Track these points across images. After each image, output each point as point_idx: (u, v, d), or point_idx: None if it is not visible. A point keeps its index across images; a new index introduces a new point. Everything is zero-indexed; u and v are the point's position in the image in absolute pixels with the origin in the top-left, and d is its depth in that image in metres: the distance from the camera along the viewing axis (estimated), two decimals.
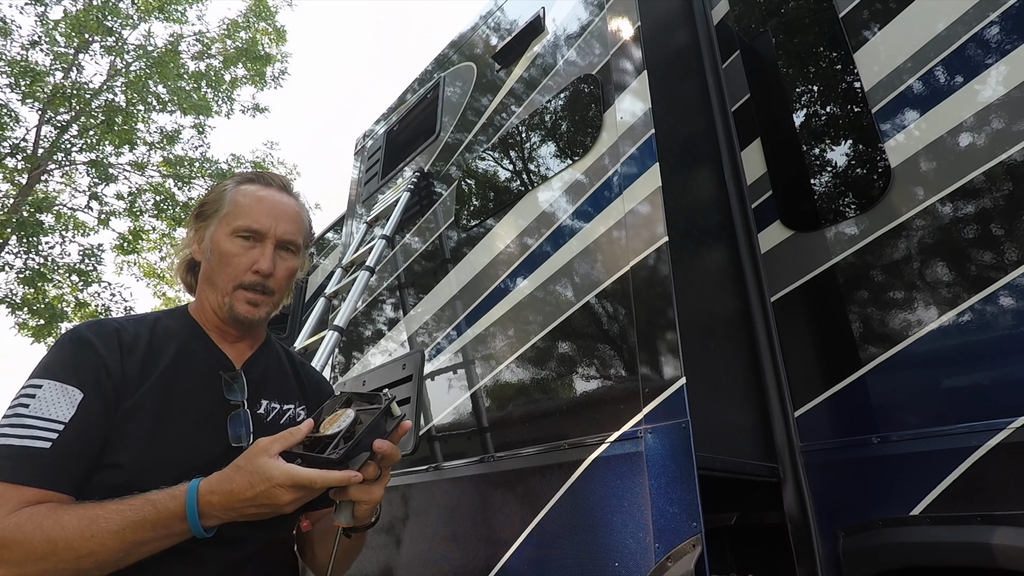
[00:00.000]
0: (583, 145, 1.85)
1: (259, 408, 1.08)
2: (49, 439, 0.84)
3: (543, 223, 1.89)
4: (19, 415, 0.85)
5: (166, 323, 1.09)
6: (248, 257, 1.06)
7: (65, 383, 0.89)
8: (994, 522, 1.11)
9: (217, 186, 1.17)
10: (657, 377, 1.36)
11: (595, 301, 1.62)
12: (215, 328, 1.11)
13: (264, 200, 1.09)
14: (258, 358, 1.15)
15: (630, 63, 1.76)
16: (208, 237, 1.09)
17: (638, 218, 1.54)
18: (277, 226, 1.08)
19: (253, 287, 1.06)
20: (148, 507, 0.81)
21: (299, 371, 1.25)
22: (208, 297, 1.09)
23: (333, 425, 0.88)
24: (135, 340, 1.01)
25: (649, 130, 1.59)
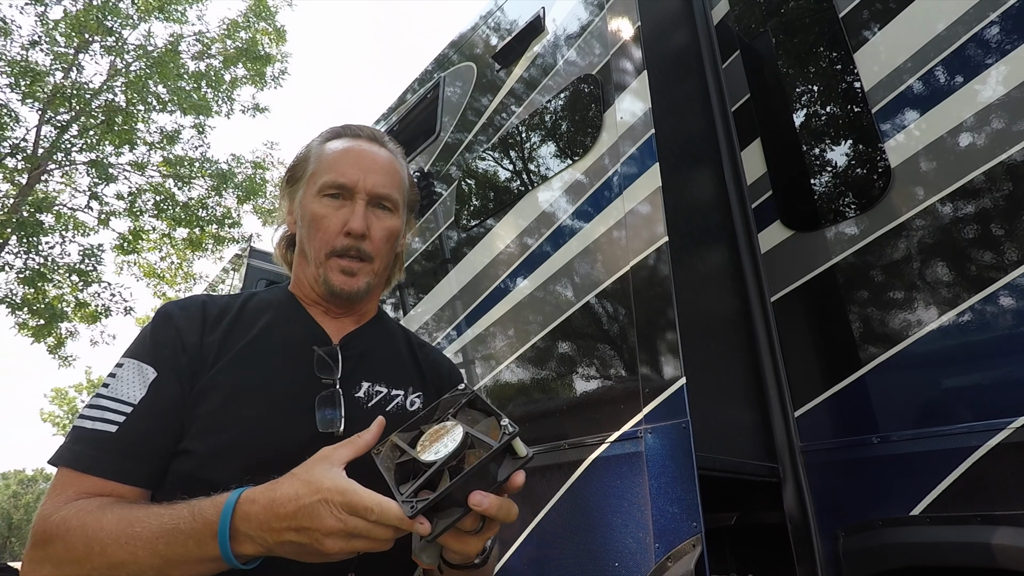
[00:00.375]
0: (583, 145, 1.85)
1: (357, 390, 0.90)
2: (116, 422, 0.76)
3: (543, 223, 1.88)
4: (98, 395, 0.79)
5: (262, 297, 0.97)
6: (338, 217, 0.91)
7: (141, 361, 0.81)
8: (994, 522, 1.11)
9: (305, 146, 1.03)
10: (657, 377, 1.36)
11: (595, 301, 1.62)
12: (315, 304, 0.97)
13: (350, 151, 0.95)
14: (362, 333, 0.98)
15: (630, 63, 1.76)
16: (298, 203, 0.96)
17: (638, 218, 1.54)
18: (366, 178, 0.92)
19: (347, 252, 0.92)
20: (186, 513, 0.67)
21: (416, 353, 1.05)
22: (304, 271, 0.96)
23: (433, 445, 0.64)
24: (221, 313, 0.90)
25: (649, 130, 1.59)
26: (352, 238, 0.91)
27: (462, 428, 0.64)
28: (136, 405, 0.77)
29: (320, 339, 0.93)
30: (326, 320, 0.96)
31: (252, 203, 12.31)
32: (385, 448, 0.72)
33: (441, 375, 1.05)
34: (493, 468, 0.62)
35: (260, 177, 12.32)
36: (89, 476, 0.73)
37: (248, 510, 0.66)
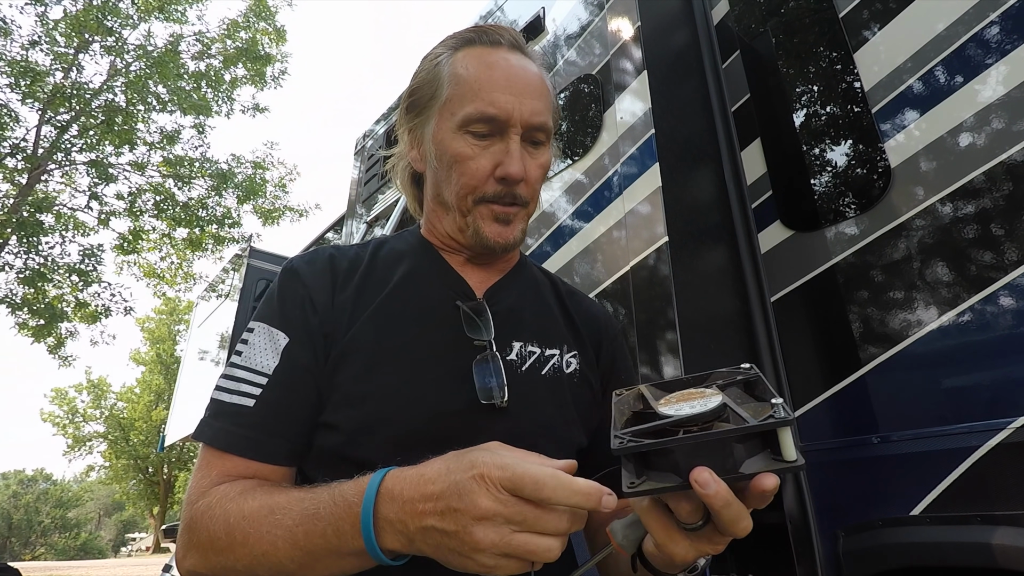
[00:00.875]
0: (583, 145, 1.85)
1: (509, 353, 0.78)
2: (253, 395, 0.69)
3: (543, 223, 1.88)
4: (232, 365, 0.72)
5: (393, 245, 0.85)
6: (487, 158, 0.75)
7: (271, 325, 0.73)
8: (994, 522, 1.11)
9: (427, 60, 0.82)
10: (657, 377, 1.36)
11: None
12: (455, 252, 0.84)
13: (496, 68, 0.76)
14: (507, 285, 0.85)
15: (630, 63, 1.76)
16: (428, 138, 0.79)
17: (638, 218, 1.54)
18: (521, 106, 0.74)
19: (500, 198, 0.77)
20: (326, 497, 0.59)
21: (568, 304, 0.91)
22: (440, 219, 0.83)
23: (678, 403, 0.52)
24: (351, 266, 0.80)
25: (649, 130, 1.59)
26: (507, 183, 0.75)
27: (721, 398, 0.50)
28: (270, 375, 0.70)
29: (464, 292, 0.80)
30: (467, 270, 0.83)
31: (252, 203, 12.31)
32: (629, 394, 0.62)
33: (598, 328, 0.91)
34: (740, 454, 0.47)
35: (260, 177, 12.32)
36: (230, 456, 0.68)
37: (393, 488, 0.55)
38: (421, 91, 0.81)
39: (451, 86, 0.77)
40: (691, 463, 0.46)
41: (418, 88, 0.82)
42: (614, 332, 0.93)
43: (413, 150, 0.84)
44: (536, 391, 0.77)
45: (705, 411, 0.49)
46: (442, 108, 0.78)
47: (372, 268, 0.81)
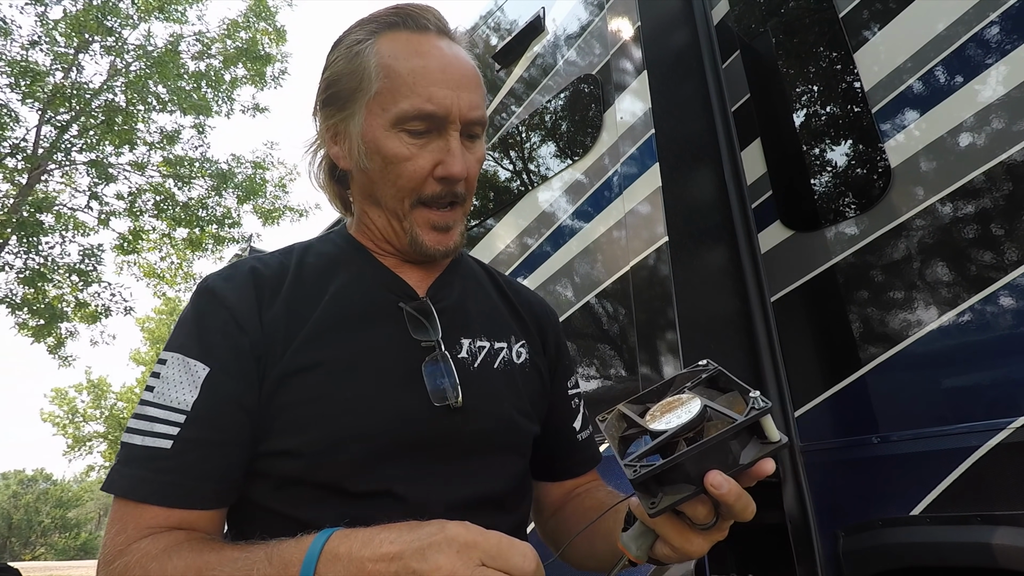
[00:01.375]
0: (583, 145, 1.85)
1: (459, 351, 0.75)
2: (169, 435, 0.62)
3: (543, 223, 1.88)
4: (143, 403, 0.64)
5: (320, 250, 0.79)
6: (426, 157, 0.70)
7: (187, 355, 0.65)
8: (994, 522, 1.11)
9: (343, 46, 0.74)
10: (657, 377, 1.36)
11: (595, 301, 1.62)
12: (390, 254, 0.79)
13: (430, 59, 0.69)
14: (448, 281, 0.81)
15: (630, 63, 1.76)
16: (355, 134, 0.72)
17: (638, 218, 1.54)
18: (459, 100, 0.69)
19: (439, 200, 0.72)
20: (262, 556, 0.55)
21: (509, 294, 0.88)
22: (374, 219, 0.78)
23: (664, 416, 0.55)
24: (277, 279, 0.73)
25: (649, 130, 1.59)
26: (448, 183, 0.71)
27: (699, 401, 0.54)
28: (188, 411, 0.63)
29: (405, 293, 0.76)
30: (405, 269, 0.79)
31: (252, 203, 12.31)
32: (611, 417, 0.65)
33: (542, 317, 0.90)
34: (735, 448, 0.51)
35: (260, 177, 12.32)
36: (149, 506, 0.61)
37: (338, 547, 0.52)
38: (342, 82, 0.73)
39: (381, 79, 0.69)
40: (700, 469, 0.50)
41: (337, 78, 0.74)
42: (556, 321, 0.93)
43: (335, 146, 0.77)
44: (491, 385, 0.75)
45: (693, 417, 0.53)
46: (371, 103, 0.70)
47: (301, 278, 0.74)
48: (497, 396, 0.75)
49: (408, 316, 0.73)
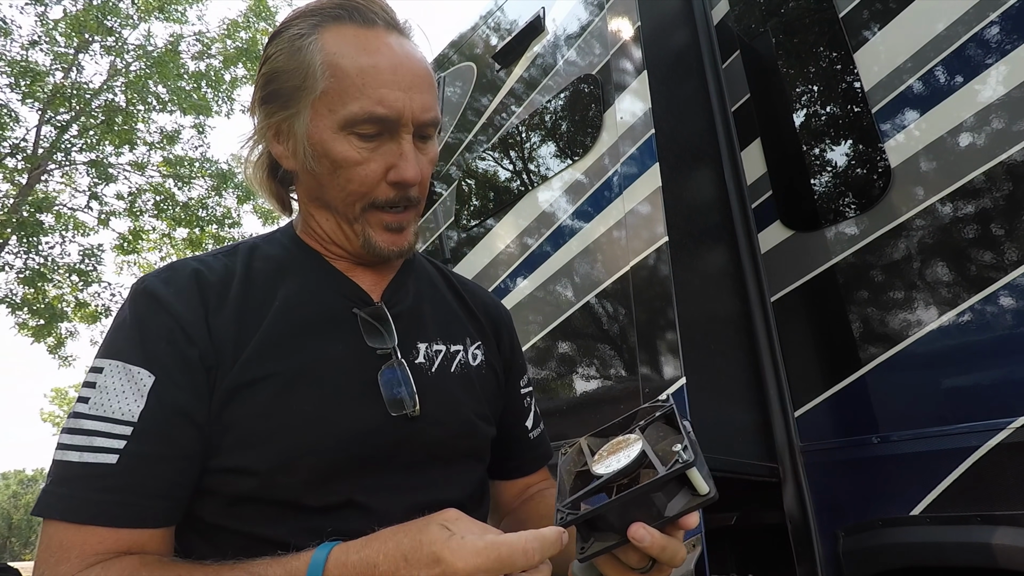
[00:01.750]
0: (583, 145, 1.85)
1: (416, 356, 0.73)
2: (114, 450, 0.57)
3: (543, 223, 1.89)
4: (77, 415, 0.59)
5: (267, 251, 0.74)
6: (377, 161, 0.67)
7: (128, 362, 0.60)
8: (994, 522, 1.11)
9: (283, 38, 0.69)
10: (657, 377, 1.36)
11: (595, 301, 1.62)
12: (341, 258, 0.76)
13: (379, 57, 0.65)
14: (403, 283, 0.79)
15: (630, 63, 1.76)
16: (301, 135, 0.67)
17: (638, 218, 1.54)
18: (412, 102, 0.65)
19: (392, 204, 0.69)
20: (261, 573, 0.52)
21: (464, 295, 0.87)
22: (320, 222, 0.74)
23: (609, 458, 0.56)
24: (223, 282, 0.68)
25: (649, 130, 1.59)
26: (401, 188, 0.68)
27: (641, 445, 0.55)
28: (135, 423, 0.58)
29: (359, 298, 0.73)
30: (358, 273, 0.75)
31: (252, 203, 12.31)
32: (572, 451, 0.64)
33: (496, 317, 0.89)
34: (661, 499, 0.52)
35: None
36: (94, 528, 0.55)
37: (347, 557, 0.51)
38: (284, 78, 0.68)
39: (327, 78, 0.65)
40: (624, 520, 0.51)
41: (279, 74, 0.68)
42: (510, 320, 0.92)
43: (278, 145, 0.71)
44: (449, 391, 0.74)
45: (630, 463, 0.53)
46: (317, 102, 0.66)
47: (249, 282, 0.69)
48: (456, 401, 0.74)
49: (363, 322, 0.70)
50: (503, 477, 0.89)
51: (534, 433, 0.91)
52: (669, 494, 0.52)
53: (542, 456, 0.92)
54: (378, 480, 0.65)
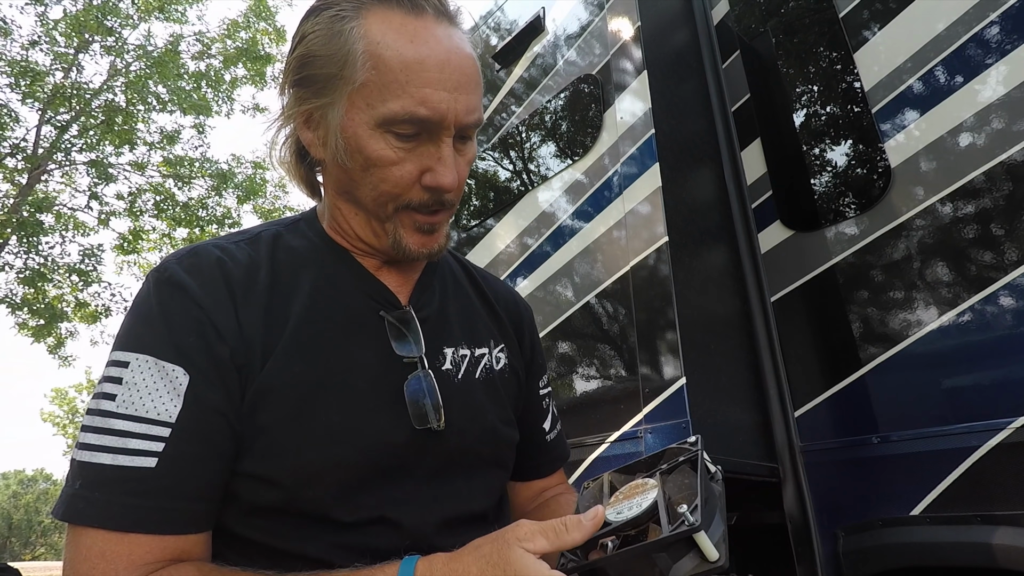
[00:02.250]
0: (583, 145, 1.85)
1: (442, 362, 0.70)
2: (153, 452, 0.54)
3: (543, 223, 1.88)
4: (104, 413, 0.55)
5: (291, 243, 0.70)
6: (413, 163, 0.63)
7: (161, 358, 0.56)
8: (994, 522, 1.11)
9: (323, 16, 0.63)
10: (657, 377, 1.36)
11: (595, 301, 1.62)
12: (369, 255, 0.72)
13: (426, 52, 0.60)
14: (429, 284, 0.76)
15: (630, 63, 1.76)
16: (334, 126, 0.63)
17: (638, 218, 1.54)
18: (456, 104, 0.61)
19: (426, 207, 0.65)
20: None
21: (487, 292, 0.83)
22: (350, 218, 0.70)
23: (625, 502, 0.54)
24: (250, 274, 0.64)
25: (649, 130, 1.59)
26: (436, 193, 0.64)
27: (655, 495, 0.52)
28: (174, 423, 0.55)
29: (387, 300, 0.69)
30: (384, 273, 0.72)
31: (252, 203, 12.31)
32: (594, 485, 0.62)
33: (518, 314, 0.86)
34: (665, 562, 0.48)
35: (260, 177, 12.32)
36: (139, 536, 0.52)
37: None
38: (320, 63, 0.62)
39: (368, 69, 0.59)
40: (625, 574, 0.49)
41: (314, 58, 0.63)
42: (531, 317, 0.89)
43: (308, 131, 0.67)
44: (475, 398, 0.72)
45: (640, 513, 0.51)
46: (354, 94, 0.61)
47: (275, 278, 0.65)
48: (481, 409, 0.73)
49: (390, 327, 0.68)
50: (519, 479, 0.88)
51: (551, 435, 0.89)
52: (675, 555, 0.49)
53: (558, 458, 0.91)
54: (404, 491, 0.64)
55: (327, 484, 0.59)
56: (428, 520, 0.63)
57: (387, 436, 0.63)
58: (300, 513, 0.59)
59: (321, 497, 0.59)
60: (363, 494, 0.61)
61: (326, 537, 0.60)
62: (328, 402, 0.61)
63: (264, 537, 0.59)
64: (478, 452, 0.71)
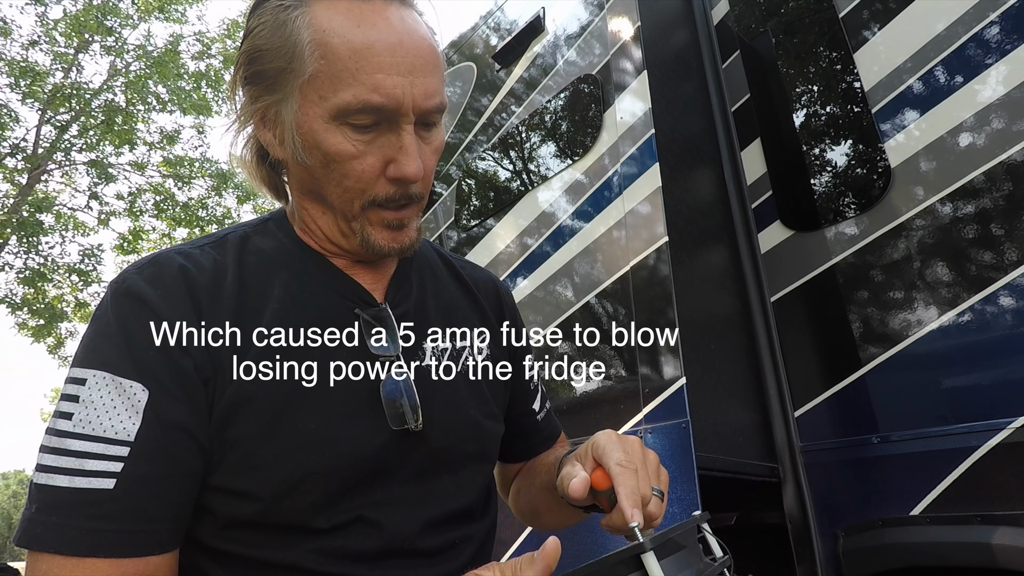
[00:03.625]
0: (583, 145, 1.85)
1: (422, 358, 0.68)
2: (111, 473, 0.52)
3: (543, 223, 1.89)
4: (60, 433, 0.53)
5: (260, 245, 0.67)
6: (375, 155, 0.60)
7: (118, 374, 0.54)
8: (994, 522, 1.11)
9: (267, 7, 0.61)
10: (657, 377, 1.36)
11: (595, 301, 1.62)
12: (340, 255, 0.69)
13: (376, 35, 0.57)
14: (406, 277, 0.73)
15: (630, 63, 1.76)
16: (289, 122, 0.60)
17: (638, 218, 1.54)
18: (414, 88, 0.58)
19: (393, 201, 0.62)
20: None
21: (466, 280, 0.81)
22: (317, 218, 0.67)
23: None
24: (215, 281, 0.61)
25: (649, 130, 1.59)
26: (402, 184, 0.61)
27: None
28: (133, 442, 0.52)
29: (361, 298, 0.67)
30: (358, 270, 0.69)
31: (252, 203, 12.31)
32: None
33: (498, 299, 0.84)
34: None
35: None
36: (95, 560, 0.50)
37: None
38: (268, 57, 0.60)
39: (316, 59, 0.57)
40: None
41: (262, 52, 0.60)
42: (511, 300, 0.87)
43: (265, 131, 0.64)
44: (457, 394, 0.71)
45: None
46: (305, 87, 0.58)
47: (243, 283, 0.62)
48: (463, 404, 0.71)
49: (365, 325, 0.65)
50: (511, 460, 0.87)
51: (541, 415, 0.88)
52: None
53: (549, 436, 0.89)
54: (387, 493, 0.62)
55: (306, 494, 0.57)
56: (411, 519, 0.62)
57: (366, 441, 0.61)
58: (278, 524, 0.57)
59: (301, 508, 0.57)
60: (344, 500, 0.59)
61: (303, 544, 0.58)
62: (304, 409, 0.59)
63: (240, 548, 0.58)
64: (463, 449, 0.69)
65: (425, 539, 0.61)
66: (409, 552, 0.59)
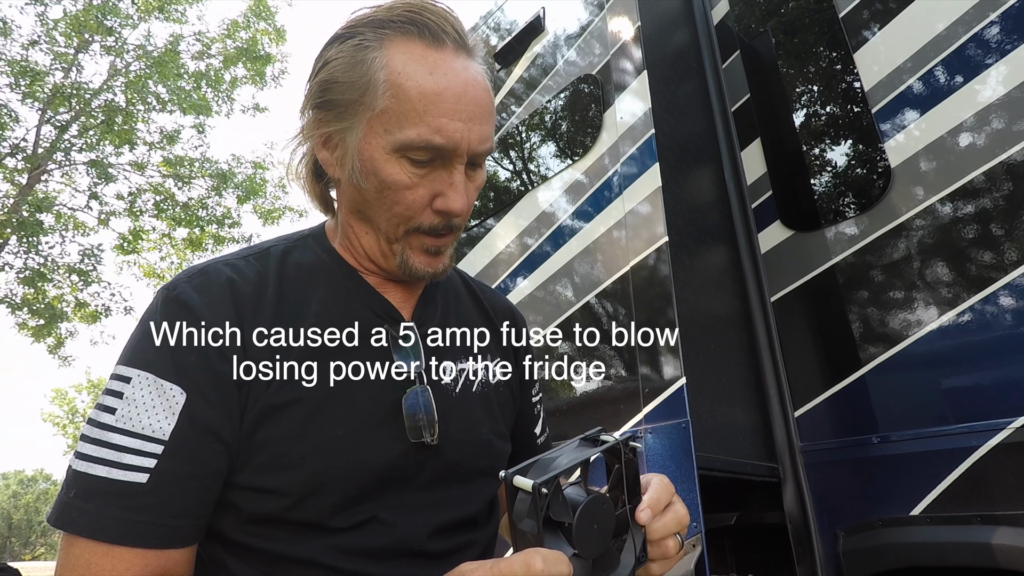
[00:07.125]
0: (583, 145, 1.85)
1: (442, 376, 0.74)
2: (145, 468, 0.56)
3: (543, 223, 1.88)
4: (103, 426, 0.58)
5: (299, 259, 0.73)
6: (426, 187, 0.66)
7: (160, 376, 0.59)
8: (994, 522, 1.11)
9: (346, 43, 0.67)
10: (657, 377, 1.36)
11: (595, 301, 1.62)
12: (374, 273, 0.75)
13: (444, 83, 0.63)
14: (431, 299, 0.79)
15: (630, 63, 1.76)
16: (352, 148, 0.66)
17: (638, 218, 1.54)
18: (471, 133, 0.65)
19: (435, 230, 0.69)
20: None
21: (485, 304, 0.87)
22: (360, 237, 0.73)
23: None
24: (258, 292, 0.67)
25: (649, 130, 1.59)
26: (445, 216, 0.68)
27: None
28: (167, 441, 0.57)
29: (391, 316, 0.72)
30: (388, 288, 0.75)
31: (252, 203, 12.32)
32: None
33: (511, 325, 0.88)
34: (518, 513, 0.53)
35: (260, 177, 12.32)
36: (123, 548, 0.55)
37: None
38: (341, 88, 0.66)
39: (388, 97, 0.63)
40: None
41: (336, 83, 0.66)
42: (526, 327, 0.92)
43: (325, 151, 0.70)
44: (472, 412, 0.76)
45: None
46: (373, 119, 0.64)
47: (283, 295, 0.68)
48: (477, 422, 0.76)
49: (392, 342, 0.70)
50: None
51: (541, 439, 0.94)
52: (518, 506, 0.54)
53: None
54: (401, 498, 0.67)
55: (329, 494, 0.62)
56: (422, 523, 0.66)
57: (386, 450, 0.66)
58: (299, 520, 0.61)
59: (323, 507, 0.61)
60: (362, 502, 0.63)
61: (320, 540, 0.62)
62: (332, 415, 0.64)
63: (260, 542, 0.62)
64: (473, 464, 0.74)
65: (434, 542, 0.66)
66: (418, 553, 0.63)
